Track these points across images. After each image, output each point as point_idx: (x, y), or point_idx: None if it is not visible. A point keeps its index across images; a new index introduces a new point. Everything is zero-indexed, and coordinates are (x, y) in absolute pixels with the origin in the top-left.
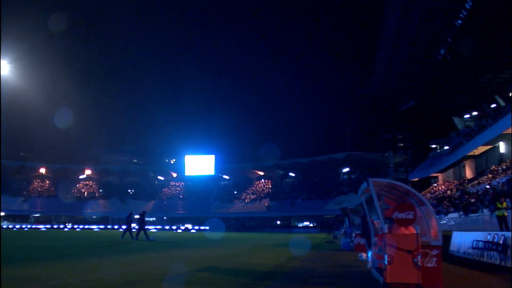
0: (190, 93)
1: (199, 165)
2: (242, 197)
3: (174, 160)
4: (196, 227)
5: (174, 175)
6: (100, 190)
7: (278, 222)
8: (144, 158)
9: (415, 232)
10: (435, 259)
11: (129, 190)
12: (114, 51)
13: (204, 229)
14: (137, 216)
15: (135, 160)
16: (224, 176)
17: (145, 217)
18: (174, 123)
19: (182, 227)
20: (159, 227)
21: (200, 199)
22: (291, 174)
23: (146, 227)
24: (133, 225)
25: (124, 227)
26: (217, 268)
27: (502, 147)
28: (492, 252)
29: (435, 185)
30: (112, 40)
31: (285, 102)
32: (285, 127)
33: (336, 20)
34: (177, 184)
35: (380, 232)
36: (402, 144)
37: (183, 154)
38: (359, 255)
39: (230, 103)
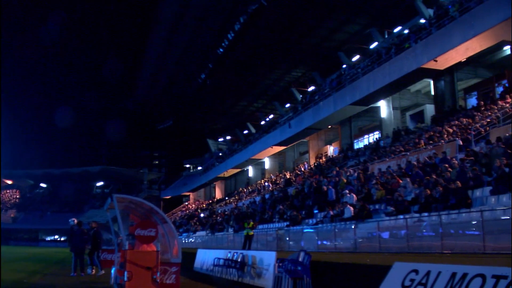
0: None
1: None
2: None
3: None
4: None
5: None
6: None
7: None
8: None
9: (156, 250)
10: (174, 275)
11: None
12: None
13: None
14: None
15: None
16: None
17: None
18: None
19: None
20: None
21: None
22: (42, 184)
23: None
24: None
25: None
26: None
27: (250, 171)
28: (231, 269)
29: (187, 203)
30: None
31: (39, 107)
32: (39, 135)
33: (99, 30)
34: None
35: (123, 249)
36: (157, 162)
37: None
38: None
39: None
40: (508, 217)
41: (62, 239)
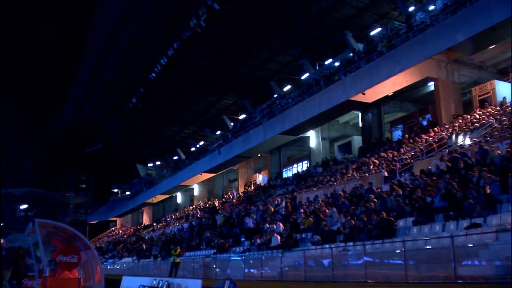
0: None
1: None
2: None
3: None
4: None
5: None
6: None
7: None
8: None
9: (78, 277)
10: None
11: None
12: None
13: None
14: None
15: None
16: None
17: None
18: None
19: None
20: None
21: None
22: None
23: None
24: None
25: None
26: None
27: (179, 197)
28: None
29: (113, 229)
30: None
31: None
32: None
33: (25, 50)
34: None
35: (44, 275)
36: (84, 185)
37: None
38: None
39: None
40: (430, 247)
41: None
